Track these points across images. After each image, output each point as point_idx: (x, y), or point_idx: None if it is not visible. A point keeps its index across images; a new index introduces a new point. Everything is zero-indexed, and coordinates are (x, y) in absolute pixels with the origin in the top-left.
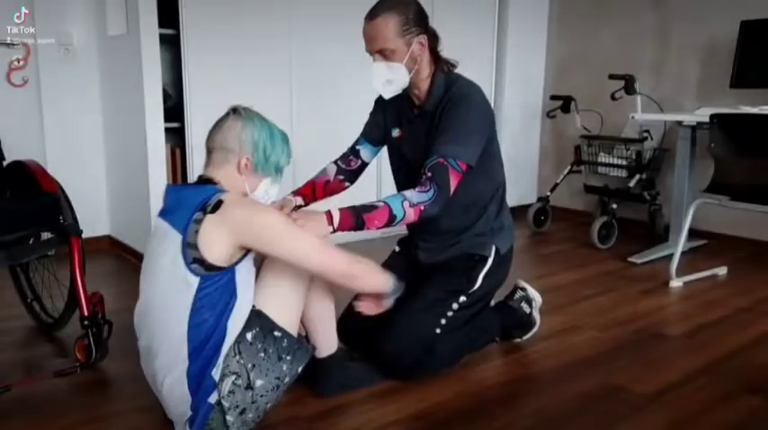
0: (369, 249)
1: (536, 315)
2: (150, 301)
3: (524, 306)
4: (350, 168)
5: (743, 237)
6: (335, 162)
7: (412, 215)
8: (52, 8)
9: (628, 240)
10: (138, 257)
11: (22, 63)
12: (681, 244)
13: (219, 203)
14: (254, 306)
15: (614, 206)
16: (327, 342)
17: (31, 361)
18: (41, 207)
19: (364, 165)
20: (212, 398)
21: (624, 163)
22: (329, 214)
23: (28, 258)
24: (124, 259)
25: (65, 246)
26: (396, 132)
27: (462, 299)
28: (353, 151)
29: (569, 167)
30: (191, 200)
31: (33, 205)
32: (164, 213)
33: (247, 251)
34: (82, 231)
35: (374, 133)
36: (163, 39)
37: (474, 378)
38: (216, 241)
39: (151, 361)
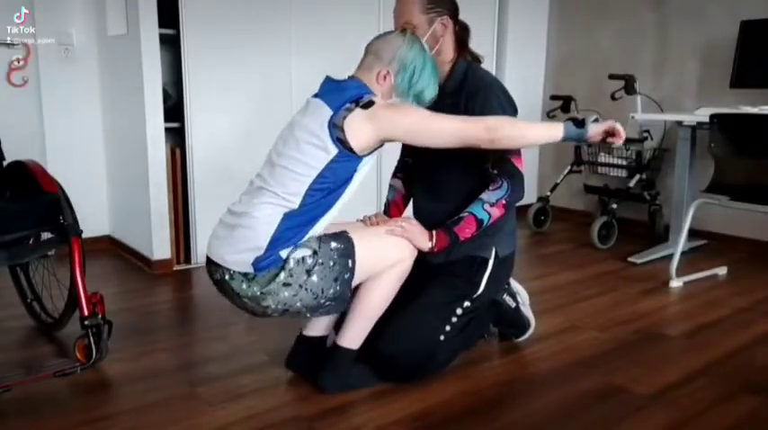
0: None
1: (526, 311)
2: (285, 153)
3: (508, 299)
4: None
5: (743, 237)
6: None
7: (496, 212)
8: (52, 8)
9: (628, 240)
10: (138, 257)
11: (22, 63)
12: (681, 244)
13: (371, 103)
14: (349, 233)
15: (614, 206)
16: (356, 335)
17: (31, 361)
18: (41, 207)
19: None
20: (284, 253)
21: (624, 163)
22: (430, 233)
23: (28, 258)
24: (124, 259)
25: (65, 246)
26: None
27: (467, 304)
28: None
29: (569, 167)
30: (347, 91)
31: (33, 205)
32: (317, 96)
33: (380, 145)
34: (82, 231)
35: None
36: (163, 39)
37: (474, 378)
38: (361, 132)
39: (254, 196)
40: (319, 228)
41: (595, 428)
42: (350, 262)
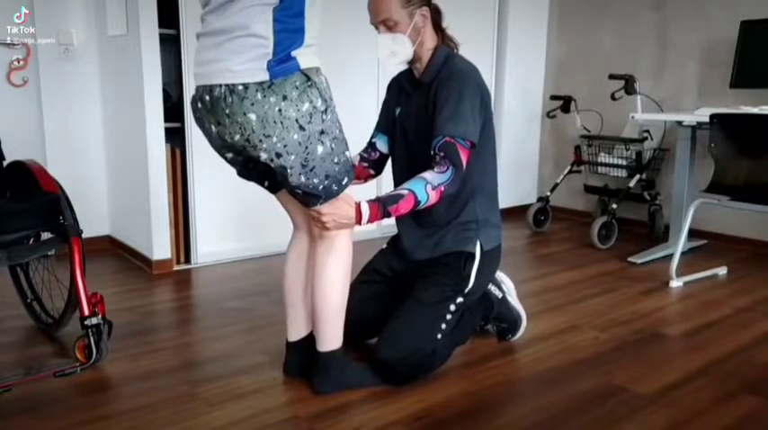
0: (363, 248)
1: (514, 302)
2: None
3: (494, 289)
4: (371, 158)
5: (743, 237)
6: (359, 153)
7: (434, 197)
8: (52, 8)
9: (628, 240)
10: (138, 257)
11: (22, 63)
12: (681, 244)
13: None
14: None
15: (614, 206)
16: (332, 336)
17: (31, 361)
18: (41, 207)
19: (383, 156)
20: (297, 55)
21: (624, 163)
22: (359, 209)
23: (28, 258)
24: (124, 259)
25: (65, 246)
26: (398, 111)
27: (460, 299)
28: (371, 145)
29: (569, 167)
30: None
31: (33, 205)
32: None
33: None
34: (82, 231)
35: (385, 122)
36: (163, 39)
37: (474, 378)
38: None
39: (225, 11)
40: (312, 26)
41: (595, 428)
42: (345, 179)
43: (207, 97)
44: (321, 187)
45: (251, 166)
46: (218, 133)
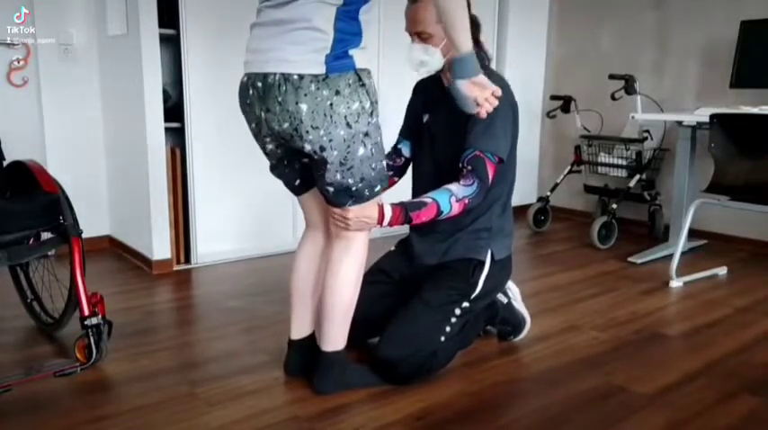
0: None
1: (519, 307)
2: None
3: (500, 295)
4: (396, 165)
5: (743, 237)
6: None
7: (457, 209)
8: (52, 8)
9: (628, 240)
10: (138, 257)
11: (22, 63)
12: (681, 244)
13: None
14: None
15: (614, 206)
16: (336, 336)
17: (31, 361)
18: (41, 207)
19: (408, 161)
20: (353, 53)
21: (624, 163)
22: (381, 210)
23: (28, 258)
24: (124, 259)
25: (65, 246)
26: (426, 118)
27: (465, 304)
28: (395, 150)
29: (569, 167)
30: None
31: (33, 205)
32: None
33: None
34: (82, 231)
35: (410, 128)
36: (163, 39)
37: (474, 378)
38: None
39: (291, 6)
40: (367, 30)
41: (595, 428)
42: (378, 187)
43: (260, 84)
44: (354, 188)
45: (286, 163)
46: (267, 120)
